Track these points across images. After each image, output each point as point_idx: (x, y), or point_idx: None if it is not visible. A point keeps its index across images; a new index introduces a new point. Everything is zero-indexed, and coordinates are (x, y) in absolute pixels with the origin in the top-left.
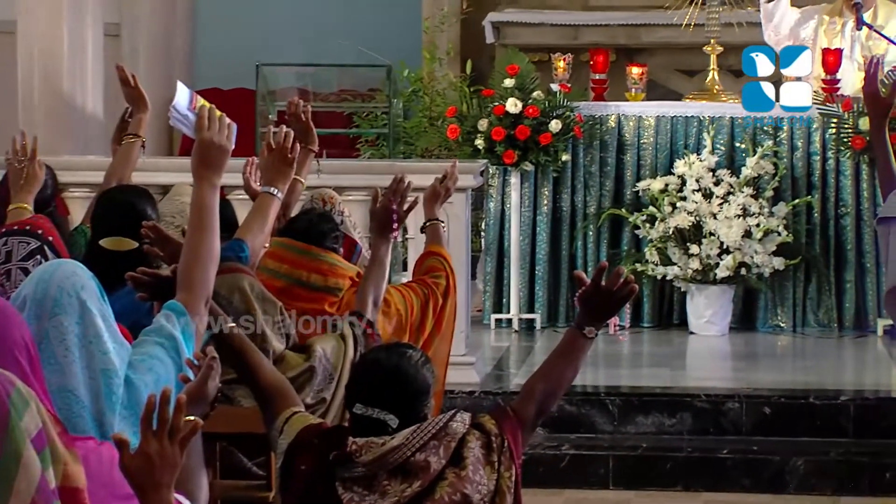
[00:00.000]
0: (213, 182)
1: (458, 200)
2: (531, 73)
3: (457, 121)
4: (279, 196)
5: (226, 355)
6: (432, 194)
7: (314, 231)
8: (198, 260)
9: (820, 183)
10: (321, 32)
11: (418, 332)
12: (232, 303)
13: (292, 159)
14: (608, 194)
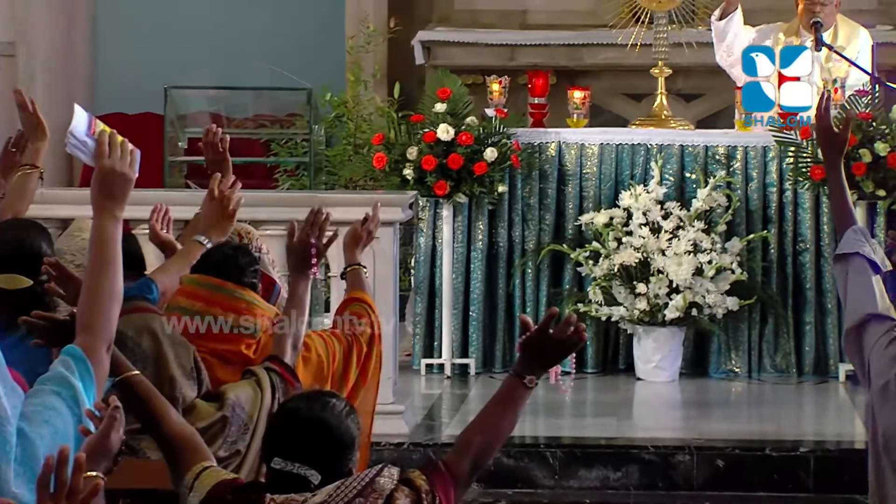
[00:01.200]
0: (114, 214)
1: (386, 235)
2: (464, 96)
3: (384, 149)
4: (208, 246)
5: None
6: (353, 238)
7: (231, 266)
8: (99, 300)
9: (777, 216)
10: (235, 53)
11: (341, 382)
12: (141, 346)
13: (233, 213)
14: (548, 228)
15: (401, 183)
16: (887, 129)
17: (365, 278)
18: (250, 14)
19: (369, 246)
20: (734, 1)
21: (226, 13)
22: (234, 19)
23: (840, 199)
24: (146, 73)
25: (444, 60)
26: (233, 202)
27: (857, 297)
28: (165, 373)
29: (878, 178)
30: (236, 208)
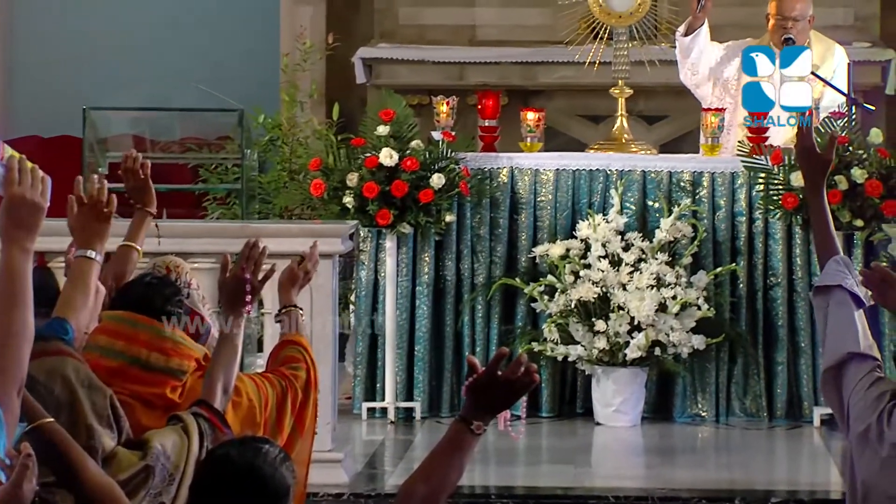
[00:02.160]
0: (24, 245)
1: (324, 269)
2: (409, 118)
3: (321, 175)
4: (98, 259)
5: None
6: (289, 277)
7: (155, 300)
8: (8, 339)
9: (746, 248)
10: (161, 71)
11: (275, 430)
12: (53, 392)
13: (108, 214)
14: (500, 261)
15: (340, 212)
16: (865, 155)
17: (301, 320)
18: (177, 30)
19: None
20: (700, 16)
21: (151, 29)
22: (159, 35)
23: (822, 226)
24: (64, 92)
25: (388, 79)
26: (106, 201)
27: (837, 334)
28: (81, 421)
29: (855, 206)
30: (112, 208)
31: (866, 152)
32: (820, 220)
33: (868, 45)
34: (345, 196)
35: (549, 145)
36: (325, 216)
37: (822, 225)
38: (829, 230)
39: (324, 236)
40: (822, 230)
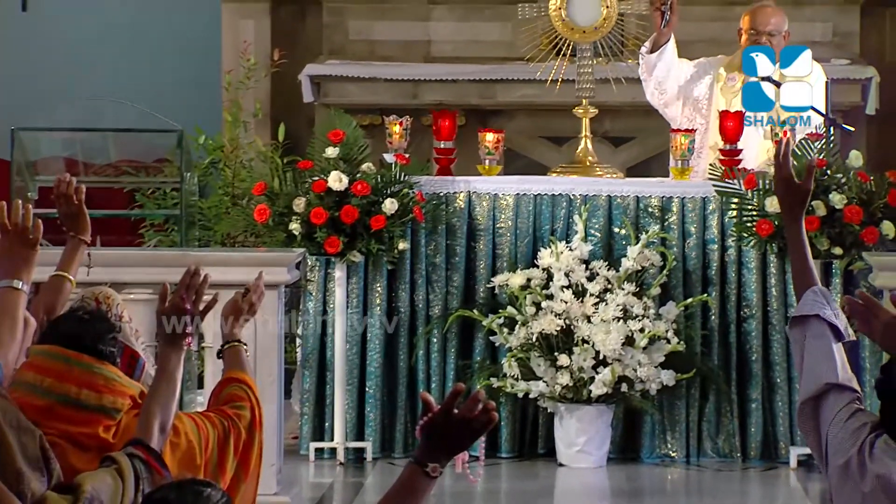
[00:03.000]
0: None
1: (269, 300)
2: (359, 139)
3: (266, 199)
4: (24, 289)
5: None
6: (233, 310)
7: (86, 335)
8: None
9: (718, 278)
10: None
11: (216, 473)
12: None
13: (34, 241)
14: (456, 292)
15: (286, 239)
16: (844, 178)
17: (245, 356)
18: (112, 45)
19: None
20: (665, 31)
21: (84, 45)
22: (93, 51)
23: (800, 256)
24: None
25: (337, 98)
26: (32, 228)
27: (814, 366)
28: (10, 466)
29: (833, 233)
30: (37, 235)
31: (845, 176)
32: (797, 249)
33: (847, 63)
34: (291, 222)
35: (508, 168)
36: (269, 244)
37: (800, 255)
38: (806, 260)
39: (269, 265)
40: (799, 260)
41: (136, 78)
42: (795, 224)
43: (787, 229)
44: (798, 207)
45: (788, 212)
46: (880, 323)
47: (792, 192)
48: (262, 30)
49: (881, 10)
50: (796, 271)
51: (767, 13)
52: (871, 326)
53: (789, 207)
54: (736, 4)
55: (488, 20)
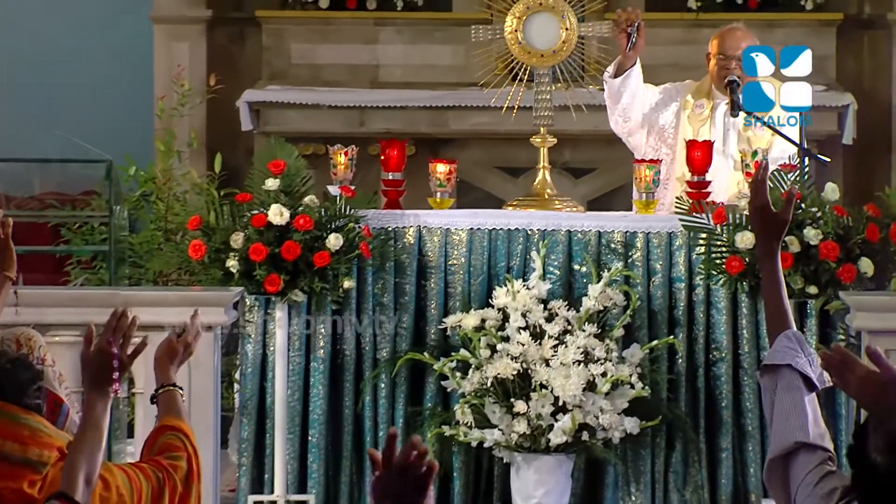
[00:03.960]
0: None
1: (205, 342)
2: (302, 170)
3: (202, 234)
4: None
5: None
6: (167, 353)
7: (9, 386)
8: None
9: (685, 319)
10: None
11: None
12: None
13: None
14: (406, 333)
15: (223, 277)
16: (819, 213)
17: (181, 402)
18: (36, 68)
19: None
20: (631, 55)
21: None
22: (15, 76)
23: (774, 295)
24: None
25: (277, 126)
26: None
27: (784, 420)
28: None
29: (808, 271)
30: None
31: (821, 210)
32: (772, 288)
33: (823, 89)
34: (228, 259)
35: (461, 201)
36: (205, 282)
37: (775, 294)
38: (781, 300)
39: (204, 305)
40: (773, 300)
41: (62, 103)
42: (770, 259)
43: (762, 265)
44: (774, 240)
45: (763, 245)
46: (856, 378)
47: (768, 222)
48: (197, 53)
49: (859, 33)
50: (770, 312)
51: (737, 37)
52: (847, 381)
53: (765, 240)
54: (704, 27)
55: (440, 43)
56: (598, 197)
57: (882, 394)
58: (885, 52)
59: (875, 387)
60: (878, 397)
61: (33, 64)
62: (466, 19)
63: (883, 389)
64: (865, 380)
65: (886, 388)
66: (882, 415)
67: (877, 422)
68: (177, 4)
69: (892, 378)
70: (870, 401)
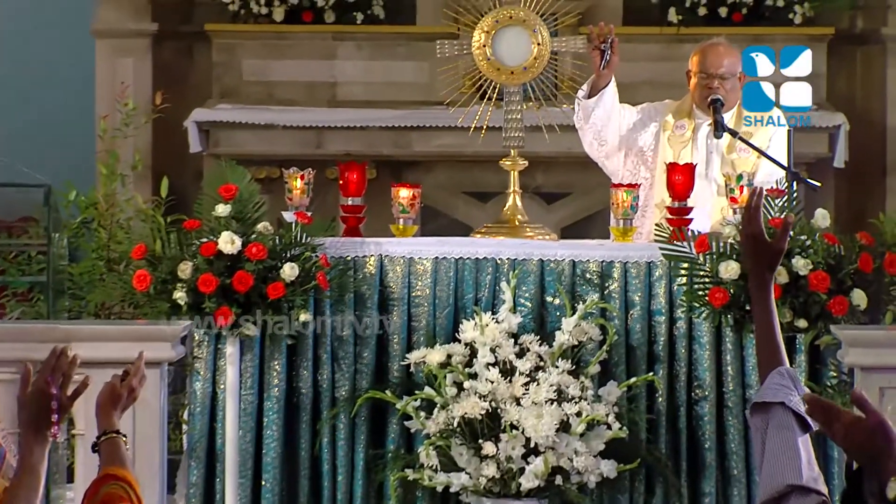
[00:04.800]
0: None
1: (151, 380)
2: (255, 195)
3: (147, 264)
4: None
5: None
6: (110, 397)
7: None
8: None
9: (666, 354)
10: None
11: None
12: None
13: None
14: (366, 370)
15: (170, 310)
16: (809, 241)
17: (125, 450)
18: None
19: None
20: (605, 73)
21: None
22: None
23: (767, 329)
24: None
25: (228, 148)
26: None
27: (776, 461)
28: None
29: (797, 304)
30: None
31: (811, 238)
32: (764, 321)
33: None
34: (176, 291)
35: (426, 229)
36: (150, 315)
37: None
38: (774, 334)
39: (150, 340)
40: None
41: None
42: (763, 291)
43: (754, 297)
44: (768, 271)
45: (756, 276)
46: (842, 426)
47: (762, 252)
48: (142, 69)
49: (851, 50)
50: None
51: (719, 53)
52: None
53: (757, 271)
54: (685, 42)
55: (402, 59)
56: (573, 224)
57: (869, 441)
58: (880, 69)
59: (862, 434)
60: (865, 445)
61: None
62: (431, 33)
63: (870, 436)
64: (852, 427)
65: (873, 435)
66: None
67: (871, 466)
68: (120, 17)
69: (878, 424)
70: (857, 449)
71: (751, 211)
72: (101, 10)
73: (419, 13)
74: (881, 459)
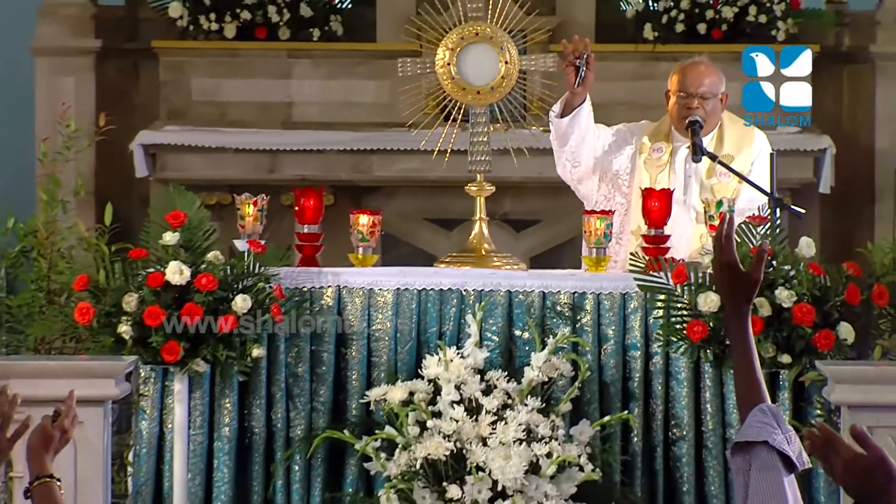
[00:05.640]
0: None
1: (94, 418)
2: (205, 223)
3: (90, 296)
4: None
5: None
6: (41, 440)
7: None
8: None
9: (641, 391)
10: None
11: None
12: None
13: None
14: (323, 408)
15: (114, 345)
16: (793, 271)
17: (59, 495)
18: None
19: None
20: (580, 91)
21: None
22: None
23: (745, 364)
24: None
25: (177, 172)
26: None
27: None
28: None
29: (780, 338)
30: None
31: (794, 268)
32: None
33: (797, 131)
34: (120, 324)
35: (386, 258)
36: (94, 350)
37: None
38: (753, 370)
39: (92, 377)
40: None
41: None
42: (740, 324)
43: (730, 331)
44: (744, 303)
45: (732, 308)
46: (841, 461)
47: (737, 282)
48: (84, 89)
49: (838, 68)
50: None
51: (699, 72)
52: (833, 466)
53: (733, 303)
54: (662, 60)
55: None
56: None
57: (869, 478)
58: (868, 89)
59: (861, 471)
60: (865, 482)
61: None
62: (392, 51)
63: (870, 474)
64: (851, 463)
65: (873, 472)
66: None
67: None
68: (61, 34)
69: (878, 460)
70: (856, 486)
71: (722, 240)
72: (41, 27)
73: (379, 29)
74: (881, 497)
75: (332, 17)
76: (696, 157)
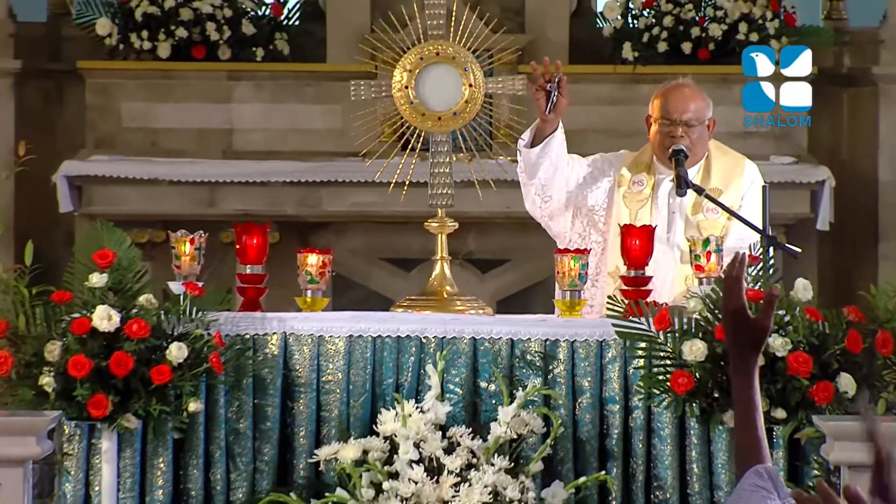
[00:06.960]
0: None
1: (12, 480)
2: (136, 263)
3: (9, 344)
4: None
5: None
6: None
7: None
8: None
9: (620, 450)
10: None
11: None
12: None
13: None
14: (268, 469)
15: (35, 398)
16: (788, 316)
17: None
18: None
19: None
20: (552, 117)
21: None
22: None
23: (748, 421)
24: None
25: (105, 206)
26: None
27: None
28: None
29: (774, 390)
30: None
31: (790, 313)
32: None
33: (792, 161)
34: (42, 375)
35: (338, 301)
36: (12, 405)
37: (749, 418)
38: (756, 426)
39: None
40: (747, 425)
41: None
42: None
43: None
44: (751, 352)
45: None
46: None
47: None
48: (2, 114)
49: (836, 91)
50: (740, 440)
51: (684, 97)
52: None
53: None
54: (641, 83)
55: (310, 101)
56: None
57: None
58: (870, 115)
59: None
60: None
61: None
62: (344, 72)
63: None
64: None
65: None
66: None
67: None
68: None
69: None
70: None
71: (731, 283)
72: None
73: (330, 49)
74: None
75: (278, 35)
76: (681, 190)
